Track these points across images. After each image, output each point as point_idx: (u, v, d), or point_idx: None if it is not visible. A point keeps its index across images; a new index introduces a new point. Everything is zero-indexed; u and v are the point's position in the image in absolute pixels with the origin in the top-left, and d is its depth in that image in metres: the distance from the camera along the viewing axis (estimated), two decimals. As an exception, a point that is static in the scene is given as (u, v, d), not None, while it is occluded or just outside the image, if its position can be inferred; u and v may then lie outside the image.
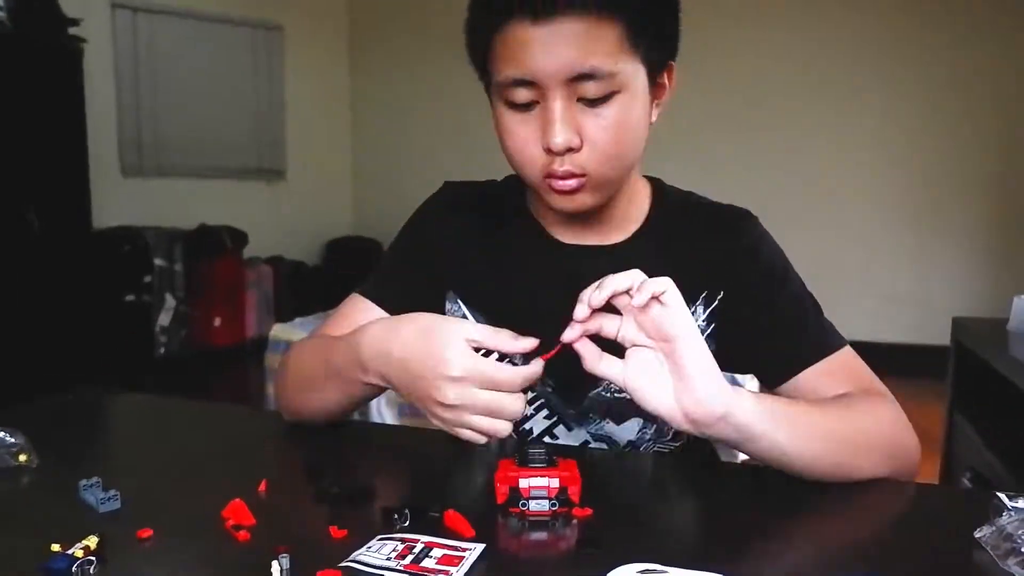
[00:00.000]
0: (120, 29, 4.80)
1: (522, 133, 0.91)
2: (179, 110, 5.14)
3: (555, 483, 0.75)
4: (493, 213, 1.11)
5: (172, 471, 0.89)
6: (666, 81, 0.95)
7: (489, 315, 1.07)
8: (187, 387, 4.49)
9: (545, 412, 1.06)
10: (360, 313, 1.06)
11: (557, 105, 0.88)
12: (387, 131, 6.40)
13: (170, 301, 4.67)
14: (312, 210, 6.20)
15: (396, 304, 1.06)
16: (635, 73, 0.89)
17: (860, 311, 5.19)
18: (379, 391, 0.90)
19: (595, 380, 1.01)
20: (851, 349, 1.00)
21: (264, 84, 5.75)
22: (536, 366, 0.80)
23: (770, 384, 1.02)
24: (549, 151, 0.89)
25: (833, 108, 5.18)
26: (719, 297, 1.03)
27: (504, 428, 0.78)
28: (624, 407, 1.03)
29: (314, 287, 5.83)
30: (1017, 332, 1.97)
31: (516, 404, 0.78)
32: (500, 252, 1.08)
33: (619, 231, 1.04)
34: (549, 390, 1.05)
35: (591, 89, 0.87)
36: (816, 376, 0.97)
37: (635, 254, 1.00)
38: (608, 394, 1.03)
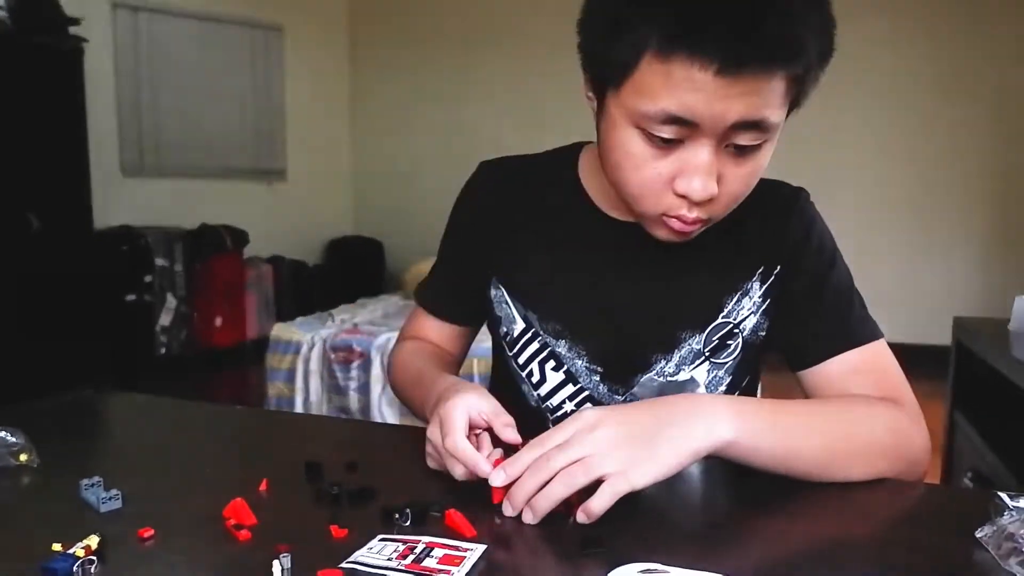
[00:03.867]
0: (121, 29, 4.81)
1: (653, 169, 0.84)
2: (180, 110, 5.15)
3: None
4: (538, 187, 1.09)
5: (173, 471, 0.89)
6: None
7: (531, 296, 1.06)
8: (188, 387, 4.49)
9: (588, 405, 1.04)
10: (424, 321, 1.17)
11: (707, 153, 0.81)
12: (387, 130, 6.40)
13: (171, 301, 4.67)
14: (312, 210, 6.20)
15: (445, 311, 1.15)
16: (783, 120, 0.85)
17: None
18: None
19: (647, 364, 1.02)
20: (885, 344, 0.98)
21: (264, 84, 5.76)
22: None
23: (797, 367, 0.99)
24: (682, 196, 0.84)
25: (833, 107, 5.17)
26: (775, 273, 1.02)
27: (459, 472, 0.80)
28: (676, 390, 1.01)
29: (315, 287, 5.84)
30: (1018, 332, 1.97)
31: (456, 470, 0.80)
32: (546, 226, 1.06)
33: None
34: (597, 377, 1.04)
35: (747, 138, 0.81)
36: (842, 369, 0.95)
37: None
38: (660, 378, 1.02)
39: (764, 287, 1.02)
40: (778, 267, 1.01)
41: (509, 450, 0.81)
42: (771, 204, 1.02)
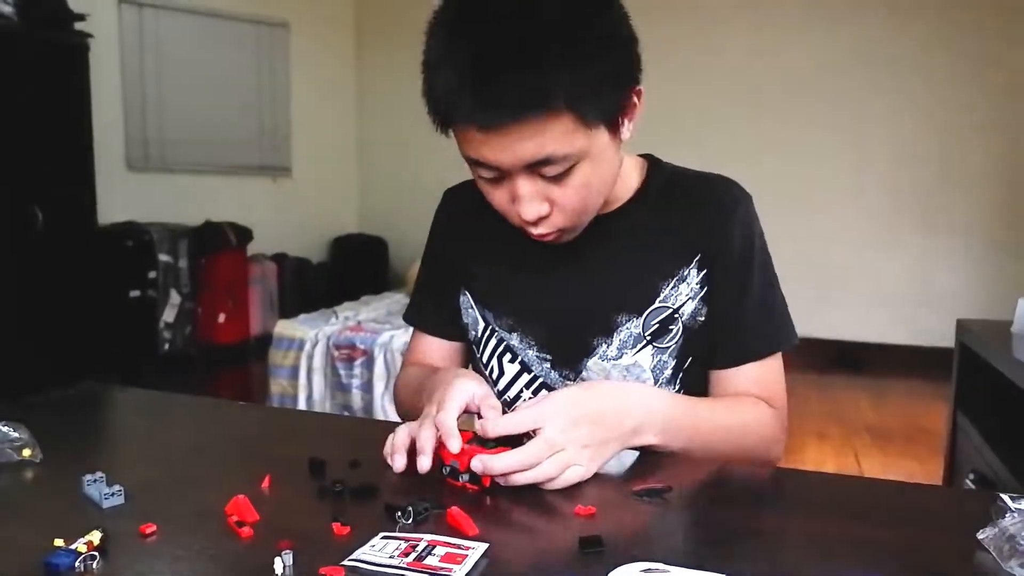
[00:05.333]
0: (126, 25, 4.81)
1: (495, 196, 0.97)
2: (185, 106, 5.15)
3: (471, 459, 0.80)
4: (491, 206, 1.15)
5: (176, 467, 0.89)
6: (635, 102, 0.96)
7: (488, 297, 1.15)
8: (191, 383, 4.50)
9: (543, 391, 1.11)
10: (423, 345, 1.24)
11: (521, 184, 0.92)
12: (393, 128, 6.39)
13: (175, 297, 4.68)
14: (317, 207, 6.20)
15: (436, 328, 1.22)
16: (593, 138, 0.91)
17: (864, 313, 5.19)
18: None
19: (589, 348, 1.08)
20: (780, 356, 1.09)
21: (270, 81, 5.76)
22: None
23: (709, 367, 1.09)
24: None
25: (836, 109, 5.17)
26: (711, 264, 1.07)
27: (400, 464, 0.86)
28: (621, 372, 1.07)
29: (319, 284, 5.84)
30: (1021, 334, 1.97)
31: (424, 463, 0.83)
32: (501, 235, 1.11)
33: (610, 204, 1.08)
34: (547, 364, 1.10)
35: (551, 170, 0.91)
36: (741, 378, 1.07)
37: (626, 221, 1.08)
38: (605, 361, 1.08)
39: (701, 275, 1.07)
40: (714, 259, 1.07)
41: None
42: (716, 199, 1.09)
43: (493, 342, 1.14)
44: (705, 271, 1.07)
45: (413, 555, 0.65)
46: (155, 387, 1.31)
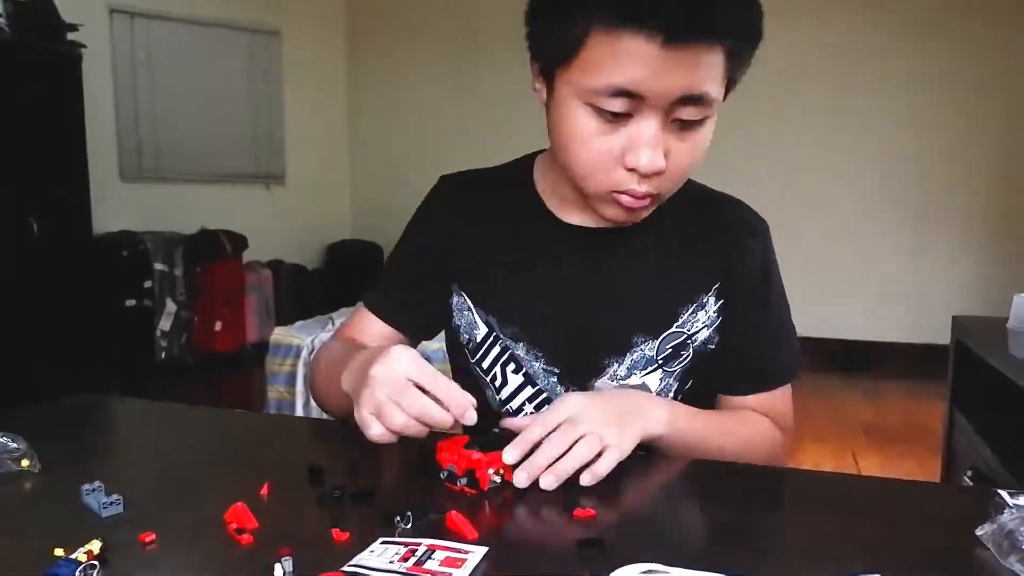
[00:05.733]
0: (118, 34, 4.81)
1: (603, 145, 0.88)
2: (178, 115, 5.15)
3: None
4: (496, 198, 1.12)
5: (174, 475, 0.89)
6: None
7: (492, 302, 1.09)
8: (188, 391, 4.49)
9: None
10: (366, 324, 1.14)
11: (655, 126, 0.85)
12: (386, 134, 6.40)
13: (170, 306, 4.67)
14: (311, 214, 6.20)
15: (395, 315, 1.14)
16: (721, 96, 0.88)
17: (860, 310, 5.20)
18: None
19: (600, 367, 1.04)
20: (789, 387, 1.09)
21: (262, 89, 5.76)
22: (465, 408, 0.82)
23: (719, 390, 1.09)
24: (631, 170, 0.88)
25: (831, 106, 5.18)
26: (729, 293, 1.05)
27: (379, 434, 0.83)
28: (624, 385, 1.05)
29: (314, 291, 5.84)
30: (1017, 330, 1.97)
31: (445, 417, 0.81)
32: (505, 234, 1.09)
33: None
34: (554, 379, 1.06)
35: (690, 112, 0.85)
36: (752, 404, 1.06)
37: (647, 236, 1.04)
38: (613, 382, 1.04)
39: (718, 304, 1.05)
40: (731, 289, 1.05)
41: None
42: (736, 227, 1.07)
43: (496, 349, 1.08)
44: (722, 301, 1.05)
45: (413, 560, 0.65)
46: (152, 395, 1.31)
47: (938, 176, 5.06)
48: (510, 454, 0.81)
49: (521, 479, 0.79)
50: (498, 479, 0.81)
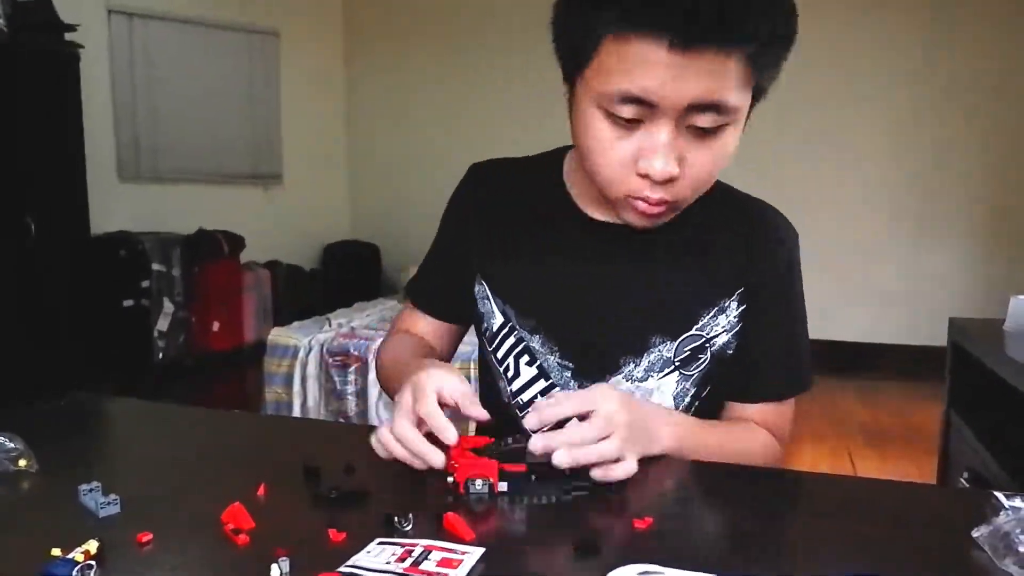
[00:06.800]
0: (116, 35, 4.80)
1: (617, 150, 0.88)
2: (176, 115, 5.14)
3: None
4: (524, 188, 1.12)
5: (171, 475, 0.89)
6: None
7: (510, 292, 1.09)
8: (186, 392, 4.49)
9: None
10: (409, 315, 1.21)
11: (666, 133, 0.84)
12: (383, 135, 6.40)
13: (168, 306, 4.67)
14: (309, 214, 6.20)
15: (433, 306, 1.18)
16: (745, 103, 0.87)
17: (857, 312, 5.20)
18: None
19: (616, 366, 1.04)
20: (793, 400, 1.10)
21: (260, 89, 5.75)
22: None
23: (727, 396, 1.08)
24: (644, 176, 0.87)
25: (830, 109, 5.18)
26: (752, 299, 1.04)
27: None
28: (643, 395, 1.04)
29: (312, 291, 5.83)
30: (1014, 332, 1.97)
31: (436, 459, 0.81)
32: (530, 225, 1.09)
33: None
34: (568, 373, 1.06)
35: (706, 120, 0.84)
36: (756, 414, 1.06)
37: (671, 235, 1.02)
38: (629, 382, 1.04)
39: (740, 310, 1.04)
40: (754, 295, 1.04)
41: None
42: (763, 233, 1.06)
43: (512, 340, 1.08)
44: (744, 307, 1.04)
45: (409, 560, 0.65)
46: (150, 396, 1.31)
47: (934, 178, 5.06)
48: (532, 419, 0.82)
49: (538, 446, 0.80)
50: (485, 489, 0.80)
